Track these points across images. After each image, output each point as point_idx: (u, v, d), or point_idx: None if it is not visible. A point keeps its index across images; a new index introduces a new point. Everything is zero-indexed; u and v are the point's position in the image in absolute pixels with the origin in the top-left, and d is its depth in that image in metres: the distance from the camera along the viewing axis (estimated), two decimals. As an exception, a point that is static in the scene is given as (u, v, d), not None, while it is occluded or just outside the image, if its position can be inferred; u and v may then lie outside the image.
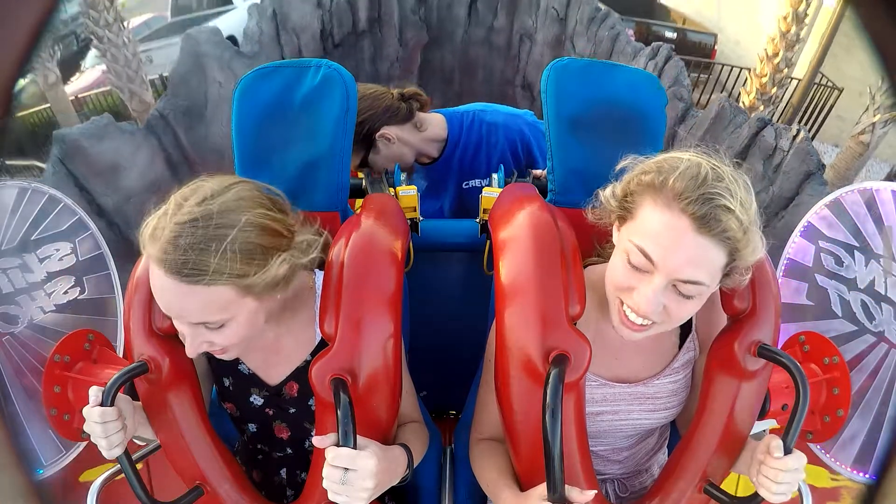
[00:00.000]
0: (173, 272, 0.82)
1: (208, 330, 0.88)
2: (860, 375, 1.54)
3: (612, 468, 1.13)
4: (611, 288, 0.92)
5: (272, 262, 0.88)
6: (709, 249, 0.81)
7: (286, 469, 1.14)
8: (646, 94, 1.21)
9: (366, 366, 0.91)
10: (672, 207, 0.81)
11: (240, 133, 1.20)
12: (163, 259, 0.82)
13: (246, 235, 0.85)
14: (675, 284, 0.83)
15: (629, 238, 0.86)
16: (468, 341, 1.34)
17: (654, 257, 0.83)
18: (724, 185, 0.81)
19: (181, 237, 0.82)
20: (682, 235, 0.80)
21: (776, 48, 5.89)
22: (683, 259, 0.81)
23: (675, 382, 1.05)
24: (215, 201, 0.85)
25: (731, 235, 0.80)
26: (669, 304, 0.85)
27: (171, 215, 0.84)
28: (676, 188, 0.81)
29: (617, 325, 0.92)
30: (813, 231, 1.69)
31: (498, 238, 1.05)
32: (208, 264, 0.81)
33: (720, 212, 0.79)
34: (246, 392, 1.07)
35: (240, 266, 0.83)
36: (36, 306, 1.79)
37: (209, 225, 0.83)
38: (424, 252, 1.44)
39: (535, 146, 1.78)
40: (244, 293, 0.87)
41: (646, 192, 0.85)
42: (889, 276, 1.56)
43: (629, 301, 0.87)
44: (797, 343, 1.32)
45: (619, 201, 0.90)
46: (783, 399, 1.11)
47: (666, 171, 0.83)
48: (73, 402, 1.22)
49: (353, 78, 1.21)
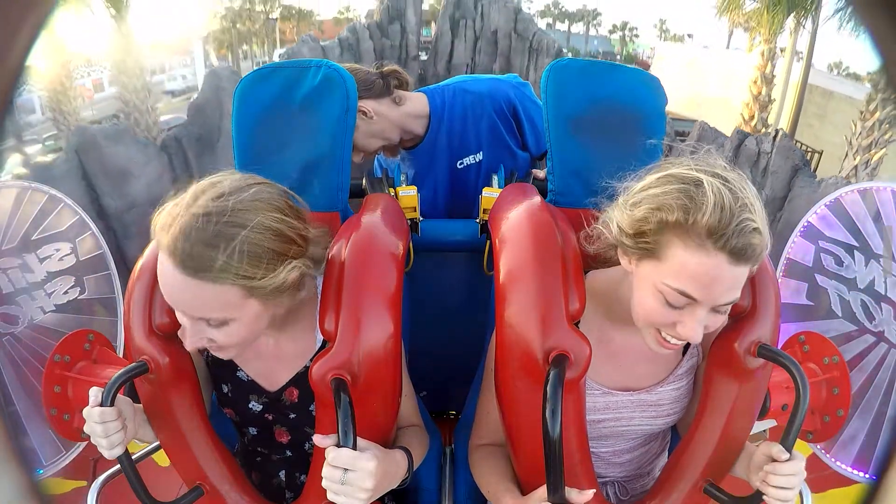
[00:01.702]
0: (180, 264, 0.81)
1: (209, 326, 0.87)
2: (860, 375, 1.54)
3: (614, 471, 1.13)
4: (644, 322, 0.92)
5: (281, 267, 0.86)
6: (744, 273, 0.84)
7: (285, 471, 1.14)
8: (646, 94, 1.20)
9: (366, 365, 0.91)
10: (706, 247, 0.81)
11: (240, 133, 1.20)
12: (172, 249, 0.81)
13: (257, 237, 0.83)
14: (714, 309, 0.86)
15: (663, 281, 0.85)
16: (468, 341, 1.34)
17: (696, 296, 0.84)
18: (745, 204, 0.82)
19: (192, 230, 0.81)
20: (721, 271, 0.82)
21: (751, 111, 6.21)
22: (723, 289, 0.83)
23: (678, 389, 1.05)
24: (231, 198, 0.84)
25: (760, 253, 0.83)
26: (709, 323, 0.88)
27: (186, 206, 0.83)
28: (709, 226, 0.80)
29: (655, 347, 0.93)
30: (813, 231, 1.69)
31: (498, 238, 1.05)
32: (215, 261, 0.81)
33: (751, 237, 0.81)
34: (245, 398, 1.06)
35: (246, 267, 0.82)
36: (36, 306, 1.79)
37: (221, 221, 0.82)
38: (424, 252, 1.44)
39: (521, 110, 1.70)
40: (249, 295, 0.85)
41: (671, 232, 0.84)
42: (889, 276, 1.56)
43: (671, 332, 0.89)
44: (797, 343, 1.32)
45: (634, 239, 0.88)
46: (783, 399, 1.11)
47: (691, 209, 0.82)
48: (73, 402, 1.22)
49: (353, 78, 1.21)
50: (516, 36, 5.21)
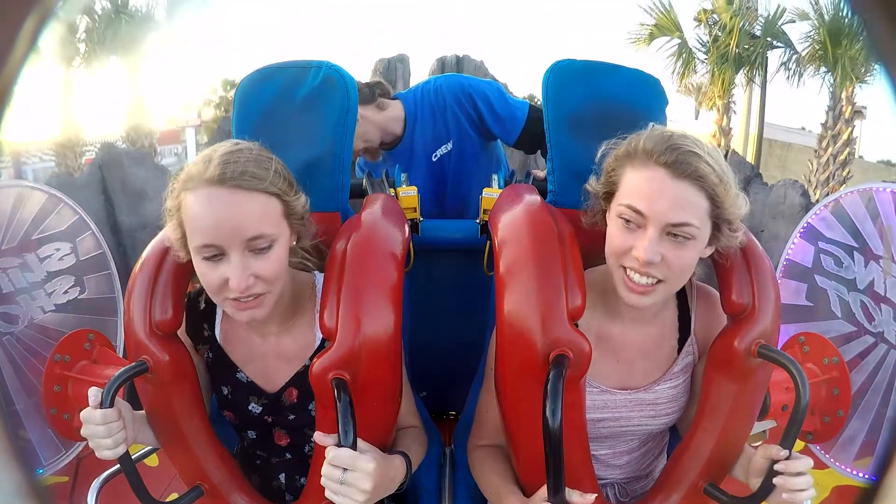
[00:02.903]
0: (234, 180, 0.88)
1: (255, 257, 0.90)
2: (860, 376, 1.54)
3: (614, 473, 1.13)
4: (612, 259, 0.96)
5: (300, 193, 0.99)
6: (688, 191, 0.88)
7: (285, 474, 1.14)
8: (646, 95, 1.20)
9: (366, 363, 0.91)
10: (647, 164, 0.91)
11: (240, 133, 1.19)
12: (221, 175, 0.88)
13: (280, 168, 0.95)
14: (668, 232, 0.89)
15: (618, 203, 0.94)
16: (468, 341, 1.34)
17: (641, 208, 0.90)
18: (690, 139, 0.92)
19: (233, 160, 0.90)
20: (661, 183, 0.89)
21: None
22: (668, 204, 0.88)
23: (675, 388, 1.05)
24: (242, 145, 0.95)
25: (705, 175, 0.88)
26: (667, 252, 0.90)
27: (212, 152, 0.92)
28: (647, 147, 0.91)
29: (625, 294, 0.95)
30: (812, 232, 1.69)
31: (498, 239, 1.05)
32: (264, 174, 0.90)
33: (689, 156, 0.88)
34: (244, 400, 1.06)
35: (283, 185, 0.93)
36: (36, 306, 1.79)
37: (252, 153, 0.93)
38: (424, 252, 1.44)
39: (476, 94, 1.88)
40: (286, 214, 0.95)
41: (623, 162, 0.95)
42: (888, 276, 1.57)
43: (630, 262, 0.92)
44: (797, 343, 1.32)
45: (602, 183, 0.99)
46: (783, 399, 1.11)
47: (635, 139, 0.95)
48: (72, 402, 1.22)
49: (353, 79, 1.21)
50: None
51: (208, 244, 0.88)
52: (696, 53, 7.27)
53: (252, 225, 0.88)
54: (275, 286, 0.94)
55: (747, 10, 6.97)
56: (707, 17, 7.14)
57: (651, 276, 0.90)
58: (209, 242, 0.88)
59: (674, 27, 7.24)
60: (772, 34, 6.95)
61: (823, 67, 6.66)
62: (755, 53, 6.97)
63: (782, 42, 6.98)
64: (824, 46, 6.44)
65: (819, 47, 6.54)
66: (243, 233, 0.88)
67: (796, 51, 6.88)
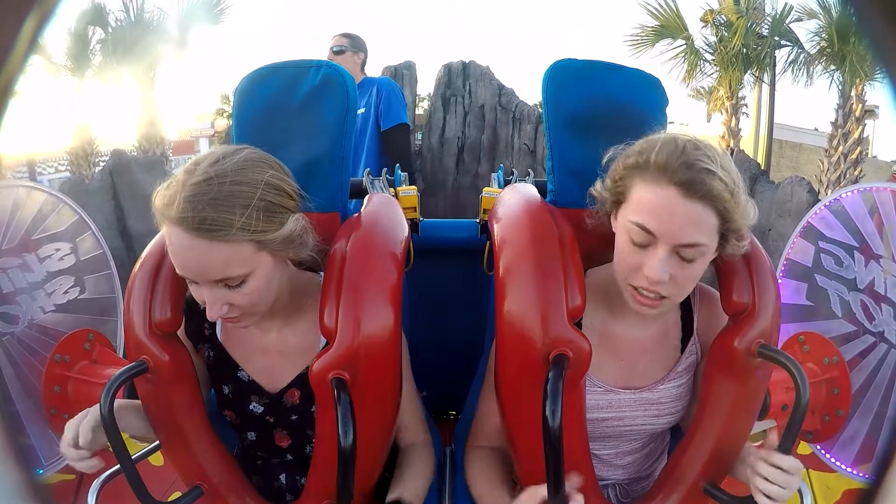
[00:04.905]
0: (193, 229, 0.83)
1: (229, 290, 0.88)
2: (860, 375, 1.54)
3: (616, 473, 1.13)
4: (621, 276, 0.94)
5: (287, 219, 0.91)
6: (700, 211, 0.86)
7: (286, 474, 1.14)
8: (647, 94, 1.20)
9: (365, 363, 0.91)
10: (659, 180, 0.87)
11: (239, 133, 1.19)
12: (182, 218, 0.83)
13: (259, 193, 0.87)
14: (677, 251, 0.88)
15: (627, 218, 0.91)
16: (468, 341, 1.34)
17: (652, 229, 0.87)
18: (703, 151, 0.88)
19: (198, 195, 0.83)
20: (673, 203, 0.86)
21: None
22: (679, 224, 0.86)
23: (679, 387, 1.05)
24: (227, 161, 0.87)
25: (718, 195, 0.85)
26: (675, 272, 0.89)
27: (186, 177, 0.86)
28: (660, 162, 0.87)
29: (634, 306, 0.94)
30: (812, 231, 1.69)
31: (497, 238, 1.05)
32: (226, 220, 0.83)
33: (703, 174, 0.85)
34: (245, 399, 1.06)
35: (254, 223, 0.86)
36: (36, 306, 1.79)
37: (224, 182, 0.85)
38: (424, 252, 1.44)
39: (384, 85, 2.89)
40: (260, 248, 0.88)
41: (633, 173, 0.91)
42: (889, 276, 1.56)
43: (640, 281, 0.90)
44: (797, 343, 1.32)
45: (610, 190, 0.96)
46: (783, 399, 1.11)
47: (647, 150, 0.90)
48: (73, 402, 1.22)
49: (353, 79, 1.21)
50: (501, 109, 5.72)
51: (182, 273, 0.89)
52: (703, 54, 7.18)
53: (216, 270, 0.86)
54: (256, 308, 0.94)
55: (754, 10, 6.89)
56: (713, 17, 7.05)
57: (658, 293, 0.90)
58: (181, 273, 0.89)
59: (680, 28, 7.16)
60: (779, 33, 6.84)
61: (832, 65, 6.61)
62: (763, 53, 6.88)
63: (790, 40, 6.87)
64: (832, 43, 6.39)
65: (827, 44, 6.48)
66: (209, 276, 0.87)
67: (804, 49, 6.84)
